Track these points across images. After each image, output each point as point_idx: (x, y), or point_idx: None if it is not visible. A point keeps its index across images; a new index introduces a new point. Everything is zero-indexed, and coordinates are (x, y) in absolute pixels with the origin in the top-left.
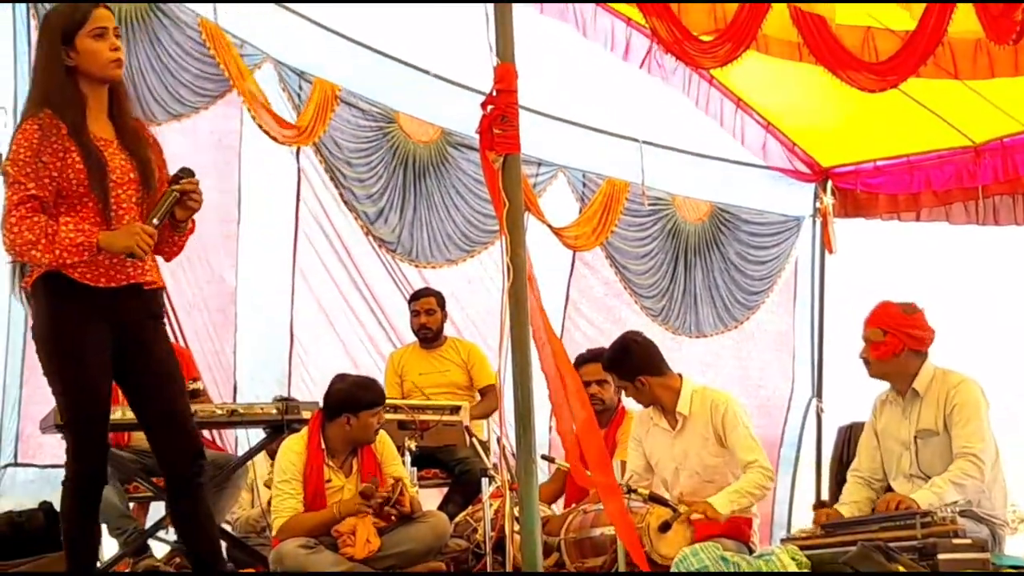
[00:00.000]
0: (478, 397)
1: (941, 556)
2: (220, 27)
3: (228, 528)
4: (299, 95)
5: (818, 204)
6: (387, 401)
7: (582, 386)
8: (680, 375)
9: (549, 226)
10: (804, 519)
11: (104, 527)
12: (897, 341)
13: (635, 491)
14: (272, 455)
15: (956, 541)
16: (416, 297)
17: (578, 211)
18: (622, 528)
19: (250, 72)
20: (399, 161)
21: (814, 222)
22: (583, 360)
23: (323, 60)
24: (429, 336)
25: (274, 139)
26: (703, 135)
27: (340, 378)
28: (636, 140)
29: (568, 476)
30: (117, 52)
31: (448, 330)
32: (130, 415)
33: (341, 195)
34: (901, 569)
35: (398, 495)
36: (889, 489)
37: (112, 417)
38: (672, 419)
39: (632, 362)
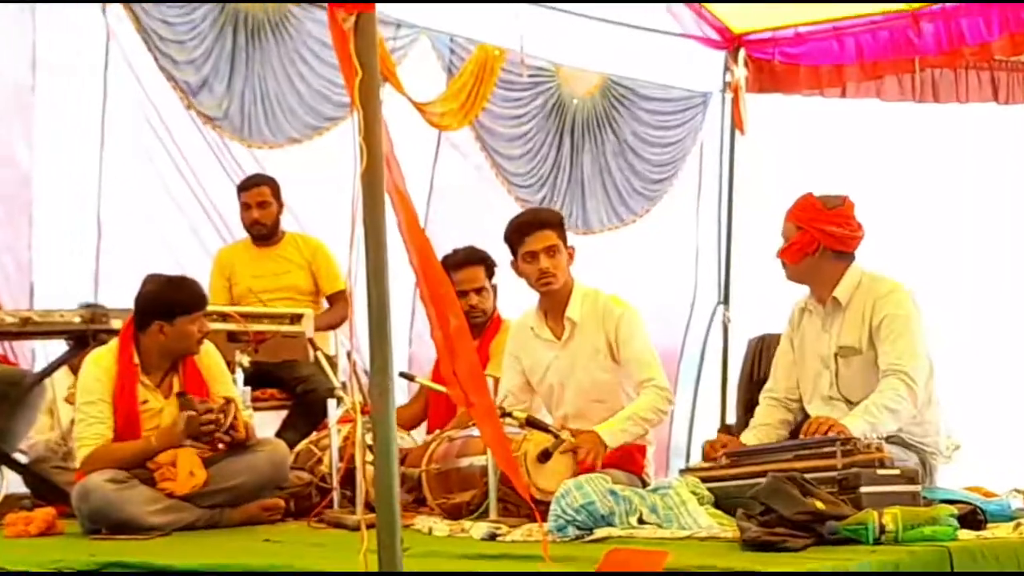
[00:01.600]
0: (325, 305)
1: (864, 489)
2: None
3: (23, 457)
4: None
5: (728, 77)
6: (215, 308)
7: (451, 289)
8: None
9: (410, 100)
10: None
11: None
12: (810, 239)
13: (510, 414)
14: (76, 371)
15: (881, 472)
16: (245, 187)
17: (444, 83)
18: (501, 456)
19: None
20: (227, 19)
21: (723, 98)
22: (460, 263)
23: None
24: (263, 233)
25: None
26: None
27: (151, 279)
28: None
29: (430, 398)
30: None
31: (288, 224)
32: None
33: (157, 60)
34: (819, 504)
35: (231, 419)
36: (805, 412)
37: None
38: (558, 327)
39: (565, 228)
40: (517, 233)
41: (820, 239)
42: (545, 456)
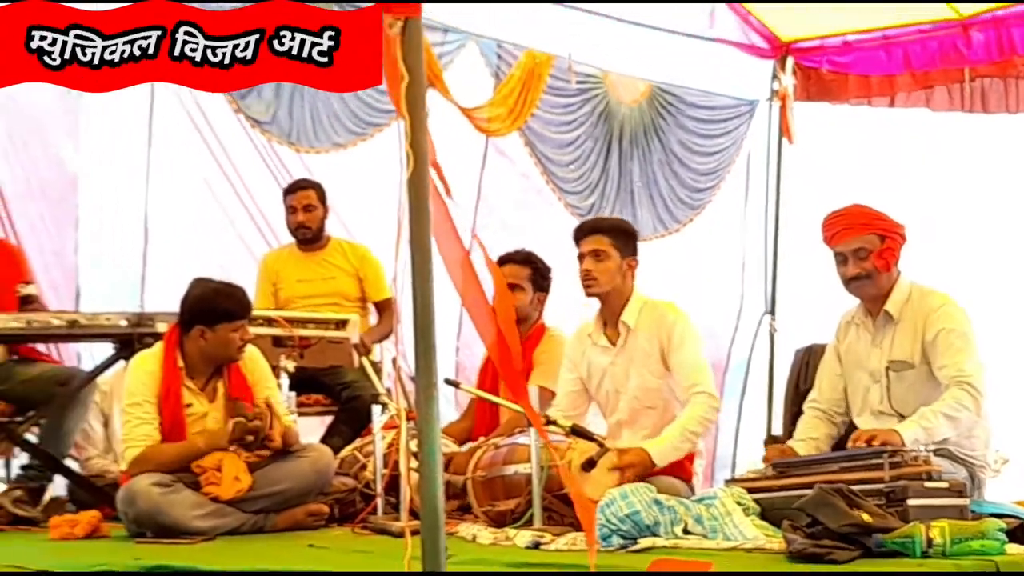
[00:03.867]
0: (373, 313)
1: (912, 502)
2: None
3: (76, 464)
4: None
5: (776, 85)
6: (261, 313)
7: (507, 290)
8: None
9: (457, 106)
10: (752, 457)
11: None
12: (896, 245)
13: (555, 423)
14: None
15: (929, 484)
16: (291, 190)
17: (492, 88)
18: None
19: None
20: None
21: (771, 107)
22: (504, 259)
23: None
24: (308, 236)
25: None
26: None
27: (197, 283)
28: (562, 2)
29: (478, 409)
30: None
31: (335, 230)
32: None
33: None
34: (866, 517)
35: (267, 426)
36: (853, 426)
37: None
38: (615, 333)
39: (634, 240)
40: (574, 236)
41: (901, 245)
42: (590, 465)
